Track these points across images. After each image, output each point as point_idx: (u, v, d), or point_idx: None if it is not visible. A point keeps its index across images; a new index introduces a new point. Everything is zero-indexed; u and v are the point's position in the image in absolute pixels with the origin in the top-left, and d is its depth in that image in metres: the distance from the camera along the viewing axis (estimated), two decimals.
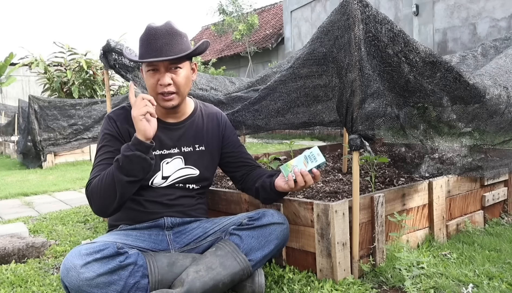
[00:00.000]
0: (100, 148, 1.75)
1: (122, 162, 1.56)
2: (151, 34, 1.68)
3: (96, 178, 1.64)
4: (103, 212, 1.68)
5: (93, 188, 1.63)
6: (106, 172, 1.61)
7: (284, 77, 1.99)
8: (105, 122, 1.79)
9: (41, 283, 1.96)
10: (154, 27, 1.69)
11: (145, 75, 1.74)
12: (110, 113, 1.80)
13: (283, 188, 1.74)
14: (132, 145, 1.57)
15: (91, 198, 1.64)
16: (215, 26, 15.53)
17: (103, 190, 1.60)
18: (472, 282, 1.72)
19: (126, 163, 1.56)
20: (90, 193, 1.64)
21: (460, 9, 7.96)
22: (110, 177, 1.58)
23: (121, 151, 1.58)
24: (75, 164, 6.99)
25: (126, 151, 1.56)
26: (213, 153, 1.91)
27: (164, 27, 1.69)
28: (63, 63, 8.93)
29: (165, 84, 1.69)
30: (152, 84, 1.71)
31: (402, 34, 1.72)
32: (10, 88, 15.73)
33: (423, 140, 2.08)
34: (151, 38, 1.68)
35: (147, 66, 1.71)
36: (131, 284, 1.51)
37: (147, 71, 1.71)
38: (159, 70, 1.69)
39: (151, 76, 1.71)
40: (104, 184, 1.59)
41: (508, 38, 3.04)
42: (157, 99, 1.71)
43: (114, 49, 2.80)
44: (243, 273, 1.63)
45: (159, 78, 1.69)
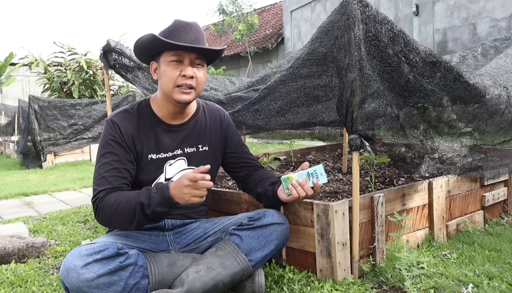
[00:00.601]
0: (105, 154, 1.69)
1: (150, 212, 1.55)
2: (182, 26, 1.67)
3: (111, 197, 1.60)
4: (107, 226, 1.73)
5: (107, 207, 1.59)
6: (124, 201, 1.58)
7: (284, 77, 1.99)
8: (108, 127, 1.73)
9: (41, 283, 1.96)
10: (185, 21, 1.69)
11: (164, 66, 1.68)
12: (113, 118, 1.74)
13: (285, 200, 1.74)
14: (164, 202, 1.54)
15: (100, 212, 1.61)
16: (215, 26, 15.52)
17: (118, 216, 1.58)
18: (472, 282, 1.72)
19: (152, 215, 1.57)
20: (102, 208, 1.60)
21: (460, 9, 7.96)
22: (129, 211, 1.56)
23: (152, 202, 1.54)
24: (75, 164, 6.99)
25: (158, 207, 1.55)
26: (216, 153, 1.91)
27: (194, 24, 1.69)
28: (63, 63, 8.93)
29: (189, 76, 1.66)
30: (173, 75, 1.66)
31: (402, 34, 1.72)
32: (10, 88, 15.74)
33: (423, 140, 2.08)
34: (181, 29, 1.65)
35: (172, 55, 1.65)
36: (131, 284, 1.51)
37: (170, 61, 1.66)
38: (183, 63, 1.67)
39: (174, 67, 1.66)
40: (120, 212, 1.57)
41: (508, 38, 3.04)
42: (172, 93, 1.68)
43: (114, 49, 2.80)
44: (243, 273, 1.63)
45: (182, 70, 1.66)
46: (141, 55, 1.79)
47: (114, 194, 1.61)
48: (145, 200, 1.56)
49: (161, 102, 1.77)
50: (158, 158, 1.77)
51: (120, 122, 1.73)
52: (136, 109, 1.78)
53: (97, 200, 1.62)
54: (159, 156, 1.77)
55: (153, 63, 1.75)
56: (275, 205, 1.84)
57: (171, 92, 1.69)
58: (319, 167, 1.71)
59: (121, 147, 1.70)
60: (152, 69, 1.76)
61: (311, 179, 1.70)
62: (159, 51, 1.69)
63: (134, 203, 1.56)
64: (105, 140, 1.72)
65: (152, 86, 2.75)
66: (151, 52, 1.72)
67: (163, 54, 1.68)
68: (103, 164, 1.68)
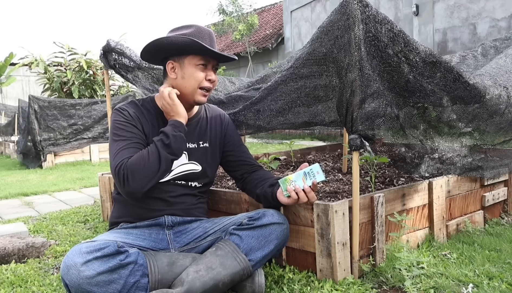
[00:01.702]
0: (118, 135, 1.74)
1: (170, 141, 1.67)
2: (206, 33, 1.80)
3: (133, 158, 1.65)
4: (140, 189, 1.65)
5: (133, 166, 1.63)
6: (147, 151, 1.67)
7: (284, 77, 1.99)
8: (118, 113, 1.80)
9: (41, 283, 1.96)
10: (208, 29, 1.83)
11: (192, 68, 1.78)
12: (122, 106, 1.83)
13: (285, 202, 1.75)
14: (176, 128, 1.71)
15: (128, 175, 1.62)
16: (215, 26, 15.52)
17: (147, 167, 1.64)
18: (472, 282, 1.72)
19: (173, 141, 1.68)
20: (129, 171, 1.63)
21: (460, 9, 7.96)
22: (154, 154, 1.65)
23: (167, 131, 1.69)
24: (75, 164, 6.99)
25: (173, 131, 1.70)
26: (216, 151, 1.95)
27: (211, 32, 1.83)
28: (63, 63, 8.92)
29: (213, 80, 1.81)
30: (200, 77, 1.78)
31: (402, 34, 1.72)
32: (10, 88, 15.74)
33: (423, 140, 2.08)
34: (206, 36, 1.79)
35: (200, 60, 1.77)
36: (131, 283, 1.51)
37: (198, 65, 1.77)
38: (207, 67, 1.80)
39: (200, 70, 1.78)
40: (149, 162, 1.64)
41: (508, 38, 3.05)
42: (195, 93, 1.80)
43: (114, 49, 2.80)
44: (243, 273, 1.63)
45: (207, 74, 1.80)
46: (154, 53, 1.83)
47: (134, 155, 1.68)
48: (161, 136, 1.69)
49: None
50: None
51: (128, 109, 1.82)
52: (142, 103, 1.87)
53: (121, 167, 1.64)
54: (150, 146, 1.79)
55: (171, 62, 1.80)
56: (275, 206, 1.84)
57: (194, 93, 1.80)
58: (315, 166, 1.71)
59: (133, 126, 1.78)
60: (169, 68, 1.81)
61: (308, 179, 1.70)
62: (184, 53, 1.77)
63: (154, 146, 1.68)
64: (117, 123, 1.78)
65: (152, 86, 2.75)
66: (176, 52, 1.78)
67: (189, 56, 1.78)
68: (118, 141, 1.73)
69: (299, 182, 1.70)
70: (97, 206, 3.57)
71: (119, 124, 1.77)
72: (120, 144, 1.72)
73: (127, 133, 1.75)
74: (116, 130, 1.76)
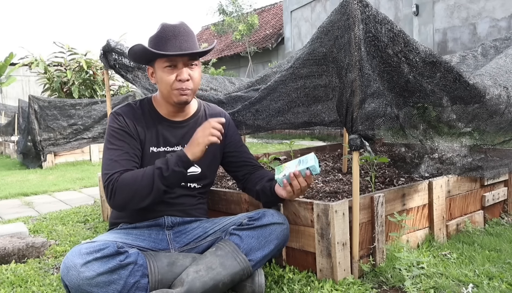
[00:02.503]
0: (113, 142, 1.73)
1: (169, 175, 1.62)
2: (169, 30, 1.71)
3: (127, 174, 1.64)
4: (124, 206, 1.66)
5: (123, 184, 1.62)
6: (141, 173, 1.64)
7: (284, 77, 1.99)
8: (113, 118, 1.78)
9: (41, 283, 1.96)
10: (172, 24, 1.73)
11: (160, 72, 1.74)
12: (117, 110, 1.80)
13: (283, 196, 1.75)
14: (180, 162, 1.64)
15: (116, 191, 1.62)
16: (215, 26, 15.52)
17: (136, 189, 1.62)
18: (472, 282, 1.72)
19: (171, 176, 1.63)
20: (118, 186, 1.62)
21: (460, 9, 7.96)
22: (148, 180, 1.62)
23: (170, 163, 1.63)
24: (75, 164, 6.99)
25: (175, 166, 1.63)
26: (215, 152, 1.92)
27: (181, 26, 1.73)
28: (63, 63, 8.92)
29: (185, 80, 1.72)
30: (169, 80, 1.72)
31: (402, 34, 1.72)
32: (10, 88, 15.73)
33: (423, 140, 2.08)
34: (169, 35, 1.70)
35: (165, 62, 1.71)
36: (131, 283, 1.51)
37: (165, 67, 1.72)
38: (177, 67, 1.72)
39: (168, 72, 1.72)
40: (139, 184, 1.62)
41: (508, 38, 3.05)
42: (171, 95, 1.75)
43: (114, 49, 2.80)
44: (243, 273, 1.63)
45: (177, 74, 1.72)
46: (136, 61, 1.87)
47: (128, 173, 1.66)
48: (162, 165, 1.64)
49: (162, 102, 1.84)
50: (158, 152, 1.80)
51: (124, 114, 1.79)
52: (139, 105, 1.84)
53: (112, 180, 1.63)
54: (159, 150, 1.80)
55: (149, 68, 1.81)
56: (273, 201, 1.84)
57: (170, 95, 1.75)
58: (310, 155, 1.70)
59: (127, 134, 1.75)
60: (149, 73, 1.82)
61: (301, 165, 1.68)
62: (152, 58, 1.75)
63: (151, 172, 1.63)
64: (111, 130, 1.76)
65: (152, 86, 2.75)
66: (145, 59, 1.78)
67: (157, 61, 1.75)
68: (111, 150, 1.72)
69: (293, 168, 1.69)
70: (97, 206, 3.57)
71: (113, 131, 1.75)
72: (113, 154, 1.70)
73: (120, 142, 1.73)
74: (110, 137, 1.75)
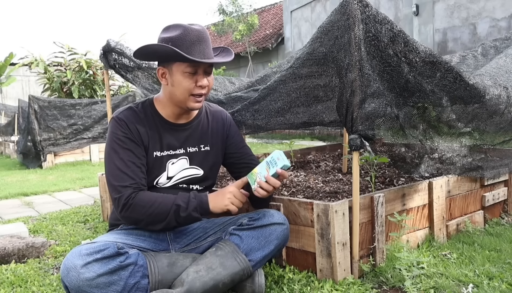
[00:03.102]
0: (117, 151, 1.68)
1: (185, 216, 1.65)
2: (194, 35, 1.65)
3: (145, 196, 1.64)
4: (134, 223, 1.71)
5: (139, 205, 1.63)
6: (159, 200, 1.65)
7: (284, 77, 1.99)
8: (115, 125, 1.72)
9: (41, 283, 1.96)
10: (196, 29, 1.67)
11: (179, 76, 1.67)
12: (119, 115, 1.74)
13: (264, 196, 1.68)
14: (200, 208, 1.66)
15: (130, 208, 1.62)
16: (215, 26, 15.51)
17: (150, 214, 1.64)
18: (472, 282, 1.72)
19: (187, 218, 1.66)
20: (134, 205, 1.62)
21: (460, 9, 7.96)
22: (164, 211, 1.64)
23: (189, 206, 1.64)
24: (75, 164, 6.99)
25: (194, 212, 1.65)
26: (218, 153, 1.91)
27: (204, 32, 1.70)
28: (63, 63, 8.92)
29: (205, 86, 1.71)
30: (189, 85, 1.68)
31: (402, 34, 1.72)
32: (10, 88, 15.72)
33: (423, 140, 2.08)
34: (194, 40, 1.65)
35: (188, 67, 1.66)
36: (131, 284, 1.51)
37: (185, 72, 1.67)
38: (197, 73, 1.68)
39: (189, 77, 1.68)
40: (153, 211, 1.64)
41: (508, 38, 3.05)
42: (187, 101, 1.71)
43: (114, 49, 2.80)
44: (243, 273, 1.63)
45: (197, 80, 1.69)
46: (146, 59, 1.81)
47: (147, 193, 1.66)
48: (182, 203, 1.64)
49: (167, 104, 1.78)
50: (161, 156, 1.78)
51: (127, 119, 1.73)
52: (141, 108, 1.79)
53: (126, 196, 1.62)
54: (162, 154, 1.78)
55: (161, 69, 1.73)
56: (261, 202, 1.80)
57: (186, 100, 1.72)
58: (274, 153, 1.65)
59: (132, 142, 1.71)
60: (159, 74, 1.74)
61: (271, 167, 1.64)
62: (171, 60, 1.68)
63: (170, 204, 1.64)
64: (115, 137, 1.71)
65: (152, 86, 2.75)
66: (162, 59, 1.72)
67: (176, 63, 1.67)
68: (118, 159, 1.68)
69: (264, 172, 1.65)
70: (97, 206, 3.57)
71: (118, 138, 1.70)
72: (120, 165, 1.67)
73: (126, 151, 1.69)
74: (114, 145, 1.70)
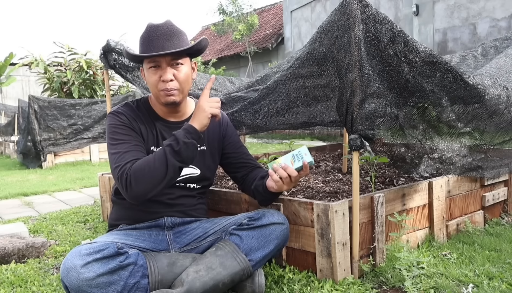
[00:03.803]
0: (117, 139, 1.69)
1: (180, 148, 1.58)
2: (152, 31, 1.70)
3: (138, 162, 1.60)
4: (144, 194, 1.60)
5: (137, 170, 1.57)
6: (153, 156, 1.60)
7: (284, 77, 1.99)
8: (114, 117, 1.74)
9: (41, 283, 1.96)
10: (155, 25, 1.72)
11: (146, 73, 1.75)
12: (117, 109, 1.77)
13: (274, 188, 1.73)
14: (188, 134, 1.61)
15: (131, 180, 1.57)
16: (215, 26, 15.52)
17: (152, 172, 1.57)
18: (472, 282, 1.72)
19: (184, 149, 1.59)
20: (132, 175, 1.57)
21: (460, 9, 7.96)
22: (161, 160, 1.58)
23: (178, 136, 1.59)
24: (75, 164, 6.99)
25: (185, 138, 1.59)
26: (214, 153, 1.92)
27: (165, 25, 1.72)
28: (63, 63, 8.92)
29: (168, 80, 1.69)
30: (154, 81, 1.71)
31: (402, 34, 1.72)
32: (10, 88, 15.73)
33: (423, 140, 2.08)
34: (152, 36, 1.69)
35: (149, 62, 1.71)
36: (131, 284, 1.51)
37: (149, 68, 1.71)
38: (161, 67, 1.70)
39: (153, 73, 1.71)
40: (153, 167, 1.58)
41: (508, 38, 3.05)
42: (159, 96, 1.74)
43: (114, 49, 2.80)
44: (243, 273, 1.63)
45: (161, 75, 1.70)
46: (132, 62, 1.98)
47: (140, 160, 1.63)
48: (171, 141, 1.60)
49: (155, 102, 1.84)
50: None
51: (125, 112, 1.77)
52: (136, 105, 1.84)
53: (125, 170, 1.59)
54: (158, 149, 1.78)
55: (141, 69, 1.83)
56: (268, 199, 1.83)
57: (157, 95, 1.75)
58: (302, 148, 1.70)
59: (131, 129, 1.74)
60: (142, 74, 1.82)
61: (296, 161, 1.68)
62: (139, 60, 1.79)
63: (162, 151, 1.60)
64: (113, 127, 1.72)
65: None
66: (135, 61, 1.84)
67: (144, 62, 1.76)
68: (117, 144, 1.68)
69: (288, 164, 1.69)
70: (97, 206, 3.57)
71: (116, 128, 1.72)
72: (120, 148, 1.67)
73: (125, 136, 1.70)
74: (113, 134, 1.71)
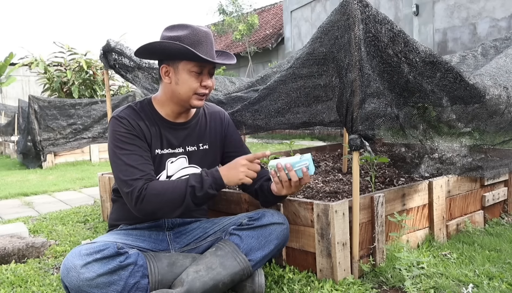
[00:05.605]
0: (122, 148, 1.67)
1: (202, 195, 1.63)
2: (202, 36, 1.69)
3: (156, 184, 1.63)
4: (151, 214, 1.64)
5: (153, 193, 1.60)
6: (172, 186, 1.63)
7: (284, 77, 1.99)
8: (117, 123, 1.71)
9: (41, 283, 1.96)
10: (203, 30, 1.71)
11: (185, 75, 1.69)
12: (120, 113, 1.74)
13: (278, 192, 1.73)
14: (215, 184, 1.65)
15: (145, 199, 1.59)
16: (215, 26, 15.52)
17: (166, 202, 1.61)
18: (472, 282, 1.72)
19: (204, 196, 1.64)
20: (147, 195, 1.59)
21: (460, 9, 7.96)
22: (179, 195, 1.62)
23: (204, 183, 1.63)
24: (75, 164, 6.99)
25: (210, 189, 1.64)
26: (216, 152, 1.93)
27: (210, 33, 1.73)
28: (63, 63, 8.93)
29: (210, 86, 1.75)
30: (194, 85, 1.71)
31: (402, 34, 1.72)
32: (10, 88, 15.74)
33: (423, 140, 2.08)
34: (202, 40, 1.69)
35: (195, 66, 1.68)
36: (131, 284, 1.51)
37: (192, 71, 1.69)
38: (202, 73, 1.71)
39: (195, 77, 1.70)
40: (169, 197, 1.61)
41: (508, 38, 3.05)
42: (190, 99, 1.74)
43: (114, 49, 2.80)
44: (243, 273, 1.63)
45: (202, 80, 1.72)
46: (148, 56, 1.80)
47: (157, 182, 1.65)
48: (196, 183, 1.63)
49: (166, 102, 1.79)
50: (162, 154, 1.79)
51: (128, 116, 1.74)
52: (140, 106, 1.80)
53: (138, 188, 1.60)
54: (163, 152, 1.79)
55: (164, 67, 1.73)
56: (270, 200, 1.83)
57: (189, 99, 1.74)
58: (307, 155, 1.67)
59: (136, 137, 1.71)
60: (163, 72, 1.74)
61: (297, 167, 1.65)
62: (178, 58, 1.69)
63: (184, 188, 1.63)
64: (118, 134, 1.70)
65: (152, 86, 2.75)
66: (169, 57, 1.71)
67: (183, 62, 1.69)
68: (124, 155, 1.67)
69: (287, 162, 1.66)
70: (97, 206, 3.57)
71: (121, 135, 1.69)
72: (127, 159, 1.65)
73: (131, 146, 1.68)
74: (118, 142, 1.68)
